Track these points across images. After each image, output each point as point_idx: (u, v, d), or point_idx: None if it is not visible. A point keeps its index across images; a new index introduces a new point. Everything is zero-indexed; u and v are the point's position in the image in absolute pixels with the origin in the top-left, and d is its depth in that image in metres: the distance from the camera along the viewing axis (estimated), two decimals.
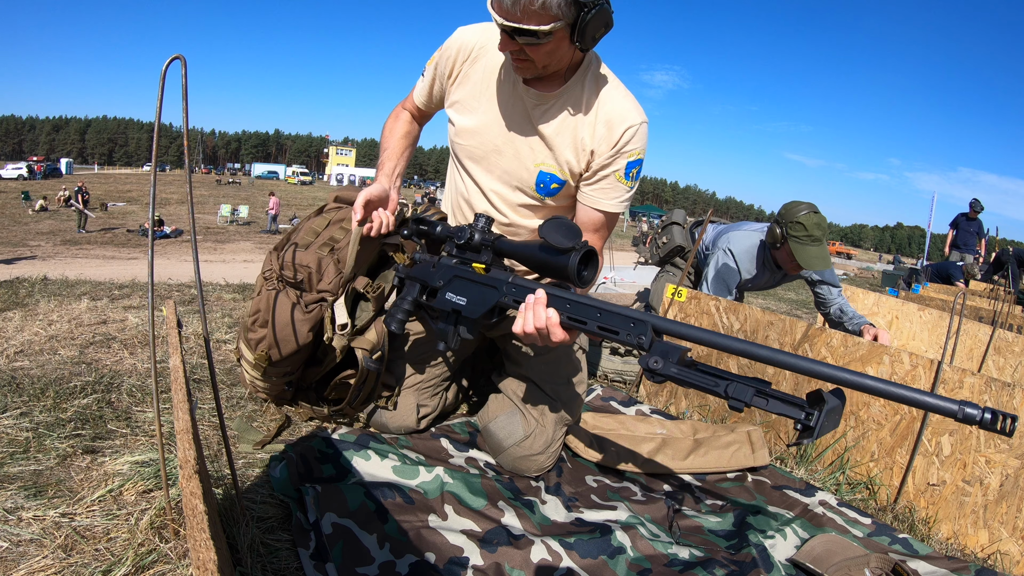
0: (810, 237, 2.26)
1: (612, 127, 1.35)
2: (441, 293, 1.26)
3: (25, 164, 38.52)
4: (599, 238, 1.48)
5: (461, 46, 1.44)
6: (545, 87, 1.37)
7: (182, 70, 0.79)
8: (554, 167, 1.41)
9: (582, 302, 1.06)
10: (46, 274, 3.39)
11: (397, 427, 1.56)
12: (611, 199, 1.42)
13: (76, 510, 1.08)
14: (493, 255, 1.21)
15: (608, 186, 1.40)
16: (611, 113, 1.35)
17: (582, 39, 1.21)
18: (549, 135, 1.39)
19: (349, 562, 1.06)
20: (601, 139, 1.36)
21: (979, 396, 1.52)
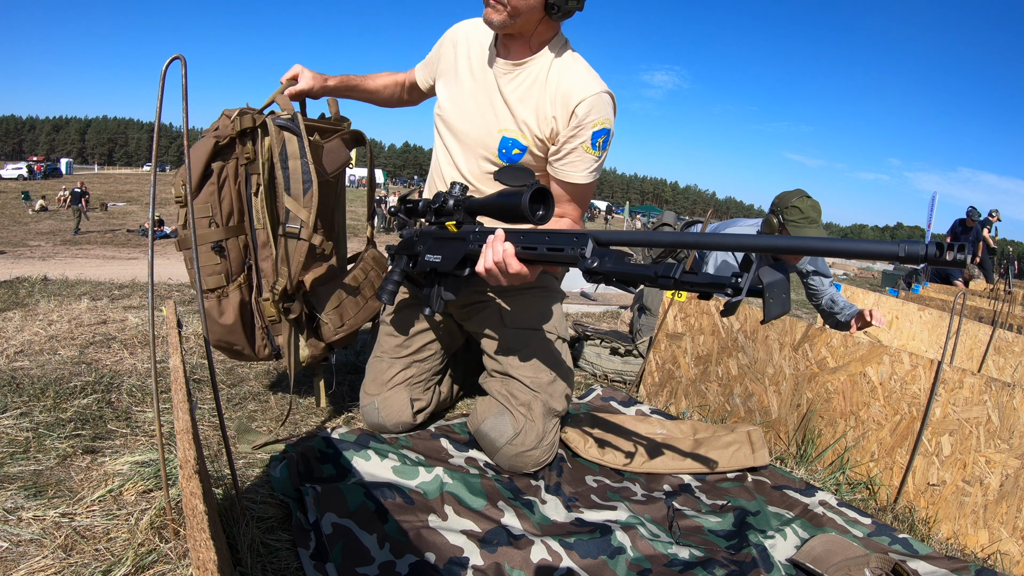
0: (807, 219, 2.28)
1: (568, 99, 1.42)
2: (421, 256, 1.37)
3: (25, 164, 38.52)
4: (574, 208, 1.55)
5: (456, 35, 1.60)
6: (514, 56, 1.47)
7: (182, 70, 0.79)
8: (516, 132, 1.48)
9: (533, 232, 1.15)
10: (46, 274, 3.39)
11: (394, 424, 1.56)
12: (580, 170, 1.48)
13: (76, 510, 1.09)
14: (464, 214, 1.30)
15: (576, 158, 1.46)
16: (571, 84, 1.42)
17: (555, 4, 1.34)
18: (512, 102, 1.47)
19: (349, 562, 1.06)
20: (560, 110, 1.43)
21: (979, 396, 1.52)
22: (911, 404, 1.63)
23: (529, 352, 1.55)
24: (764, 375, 1.95)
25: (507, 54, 1.48)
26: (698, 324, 2.14)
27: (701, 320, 2.13)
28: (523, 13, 1.36)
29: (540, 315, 1.60)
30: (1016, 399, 1.46)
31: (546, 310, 1.61)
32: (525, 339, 1.56)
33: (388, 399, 1.58)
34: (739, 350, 2.01)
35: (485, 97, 1.51)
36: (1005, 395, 1.47)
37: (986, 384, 1.51)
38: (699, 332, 2.13)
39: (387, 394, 1.58)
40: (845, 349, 1.77)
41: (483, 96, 1.51)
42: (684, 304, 2.18)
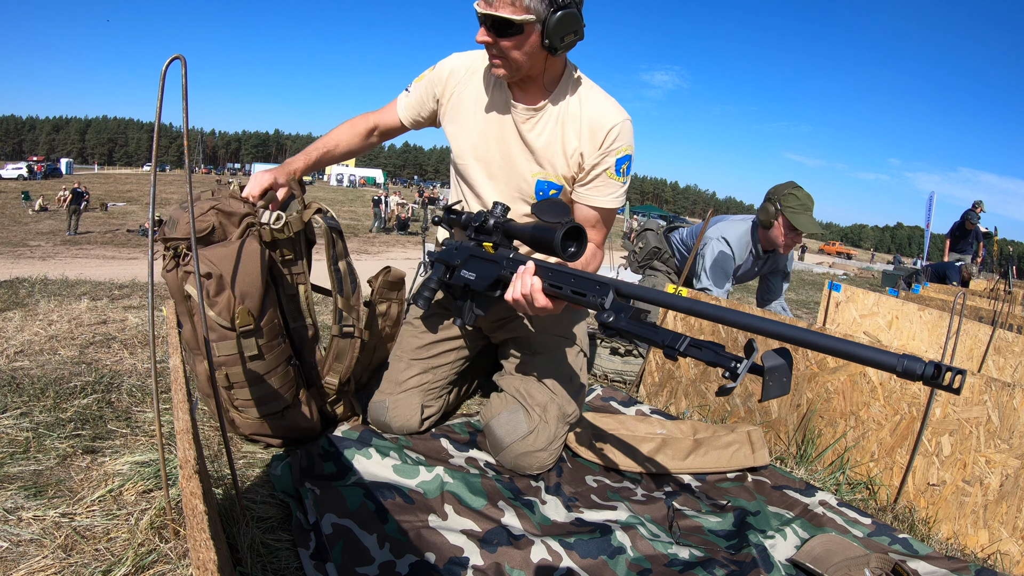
0: (803, 205, 2.50)
1: (596, 130, 1.44)
2: (458, 271, 1.40)
3: (25, 164, 38.54)
4: (598, 233, 1.56)
5: (453, 69, 1.54)
6: (530, 100, 1.46)
7: (182, 70, 0.79)
8: (550, 175, 1.50)
9: (561, 270, 1.18)
10: (46, 274, 3.39)
11: (400, 427, 1.56)
12: (605, 195, 1.50)
13: (76, 510, 1.09)
14: (502, 236, 1.34)
15: (601, 183, 1.49)
16: (594, 117, 1.44)
17: (551, 39, 1.30)
18: (540, 148, 1.48)
19: (349, 562, 1.06)
20: (587, 142, 1.45)
21: (979, 396, 1.52)
22: (911, 404, 1.63)
23: (553, 356, 1.58)
24: None
25: (523, 97, 1.47)
26: (698, 324, 2.14)
27: (701, 320, 2.13)
28: (525, 64, 1.37)
29: (569, 325, 1.65)
30: (1016, 399, 1.46)
31: (574, 321, 1.67)
32: (552, 344, 1.60)
33: (399, 401, 1.57)
34: (739, 350, 2.01)
35: (513, 144, 1.50)
36: (1005, 395, 1.47)
37: (986, 384, 1.51)
38: (699, 332, 2.13)
39: (399, 396, 1.57)
40: None
41: (511, 143, 1.50)
42: None
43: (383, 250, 16.01)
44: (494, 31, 1.30)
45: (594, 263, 1.53)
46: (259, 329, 1.24)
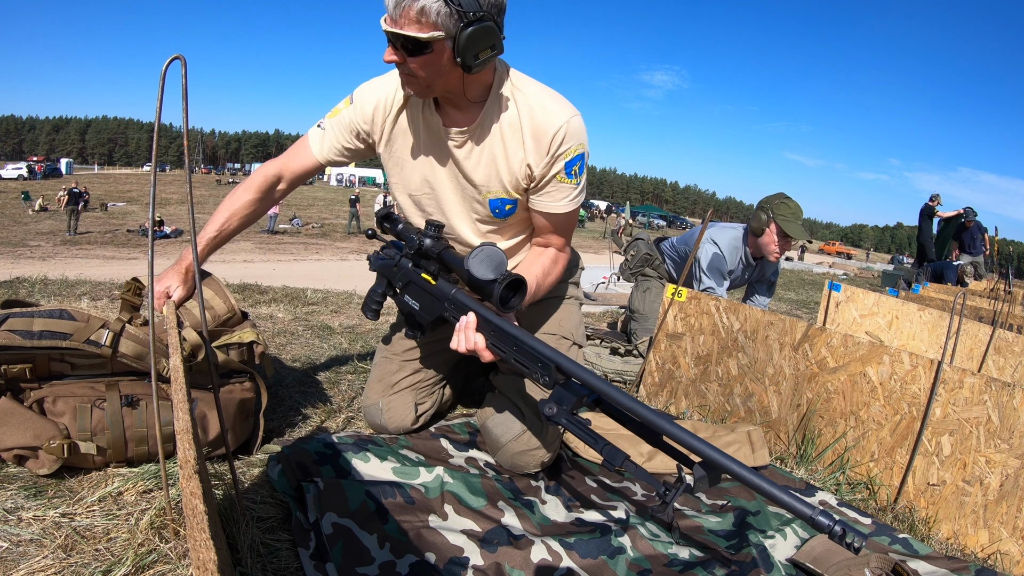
0: (794, 215, 2.63)
1: (540, 137, 1.33)
2: (400, 294, 1.37)
3: (25, 164, 38.55)
4: (558, 238, 1.49)
5: (376, 104, 1.42)
6: (461, 121, 1.36)
7: (182, 70, 0.79)
8: (501, 192, 1.42)
9: (504, 330, 1.12)
10: (46, 274, 3.39)
11: (396, 427, 1.56)
12: (558, 200, 1.41)
13: (76, 510, 1.08)
14: (439, 266, 1.30)
15: (552, 189, 1.40)
16: (535, 123, 1.33)
17: (463, 56, 1.18)
18: (483, 169, 1.39)
19: (349, 562, 1.06)
20: (532, 152, 1.35)
21: (979, 396, 1.52)
22: (911, 404, 1.63)
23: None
24: (764, 375, 1.95)
25: (453, 119, 1.37)
26: (698, 324, 2.14)
27: (701, 320, 2.13)
28: (437, 84, 1.26)
29: (558, 320, 1.62)
30: (1016, 399, 1.46)
31: (564, 316, 1.64)
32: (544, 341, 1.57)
33: (393, 402, 1.57)
34: (739, 350, 2.01)
35: (456, 175, 1.42)
36: (1005, 395, 1.47)
37: (986, 384, 1.51)
38: (699, 332, 2.13)
39: (392, 398, 1.58)
40: (845, 349, 1.77)
41: (453, 175, 1.42)
42: (684, 304, 2.18)
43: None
44: (403, 50, 1.19)
45: (555, 271, 1.47)
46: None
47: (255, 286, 3.45)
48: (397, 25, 1.16)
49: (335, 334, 2.55)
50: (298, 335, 2.46)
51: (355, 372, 2.09)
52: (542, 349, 1.05)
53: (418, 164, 1.44)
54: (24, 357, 1.16)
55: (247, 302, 3.06)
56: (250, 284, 3.52)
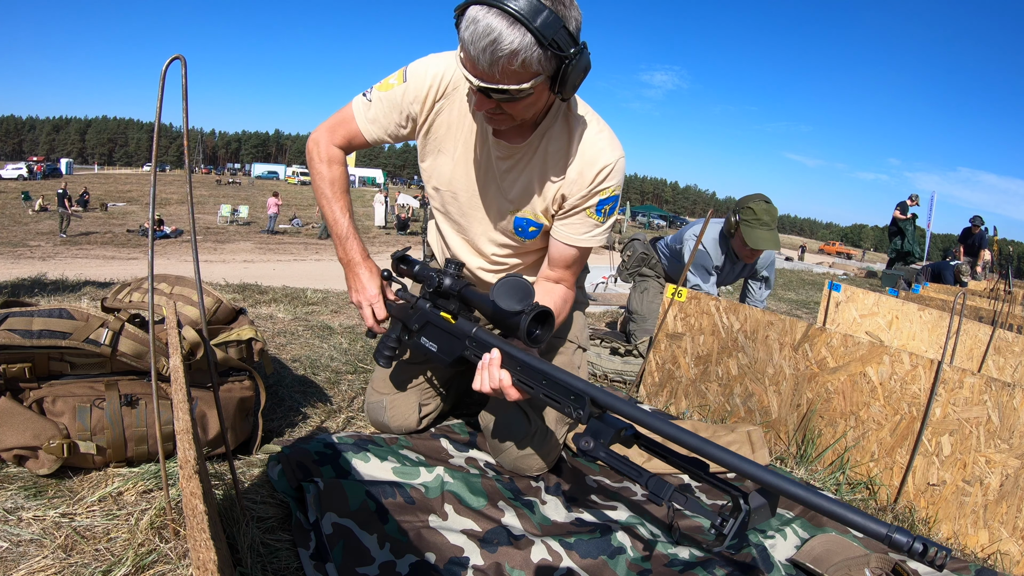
0: (759, 220, 2.48)
1: (585, 170, 1.30)
2: (417, 336, 1.31)
3: (25, 164, 38.54)
4: (571, 273, 1.45)
5: (432, 82, 1.33)
6: (513, 135, 1.32)
7: (182, 70, 0.79)
8: (529, 213, 1.39)
9: (531, 365, 1.06)
10: (46, 274, 3.39)
11: (398, 427, 1.56)
12: (581, 234, 1.37)
13: (76, 510, 1.08)
14: (460, 304, 1.25)
15: (578, 222, 1.36)
16: (585, 154, 1.30)
17: (563, 89, 1.14)
18: (520, 187, 1.36)
19: (350, 562, 1.06)
20: (573, 181, 1.32)
21: (979, 396, 1.52)
22: (911, 404, 1.63)
23: (550, 359, 1.55)
24: (764, 375, 1.95)
25: (502, 134, 1.32)
26: (698, 324, 2.14)
27: (701, 320, 2.13)
28: (530, 117, 1.23)
29: (564, 324, 1.61)
30: (1016, 399, 1.46)
31: (570, 320, 1.62)
32: (551, 345, 1.57)
33: (397, 401, 1.56)
34: (739, 350, 2.01)
35: (490, 184, 1.38)
36: (1005, 395, 1.47)
37: (986, 384, 1.51)
38: (699, 332, 2.13)
39: (397, 397, 1.57)
40: (845, 349, 1.77)
41: (487, 181, 1.38)
42: (684, 304, 2.18)
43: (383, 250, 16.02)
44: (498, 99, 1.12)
45: (564, 311, 1.42)
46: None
47: (255, 286, 3.45)
48: (494, 80, 1.08)
49: (335, 334, 2.55)
50: (298, 335, 2.46)
51: (355, 372, 2.09)
52: (574, 382, 0.99)
53: (456, 161, 1.39)
54: (23, 356, 1.16)
55: (247, 302, 3.06)
56: (250, 284, 3.52)
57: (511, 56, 1.03)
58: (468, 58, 1.08)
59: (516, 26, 1.02)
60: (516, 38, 1.02)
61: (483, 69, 1.07)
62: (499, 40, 1.02)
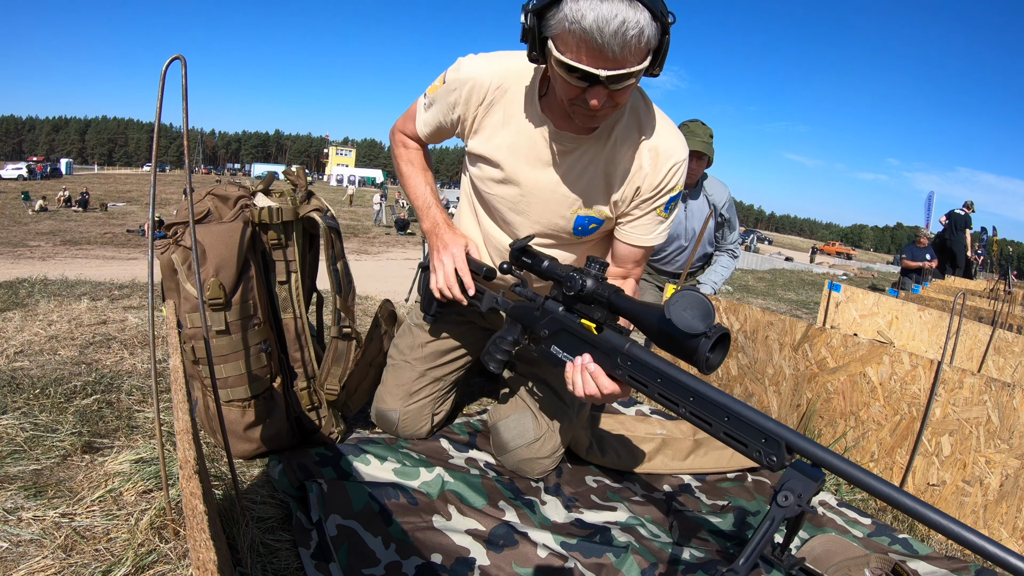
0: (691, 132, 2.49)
1: (659, 163, 1.25)
2: (547, 344, 1.13)
3: (25, 164, 38.55)
4: (640, 268, 1.44)
5: (474, 86, 1.27)
6: (580, 129, 1.24)
7: (182, 70, 0.79)
8: (591, 211, 1.33)
9: (711, 398, 0.89)
10: (46, 274, 3.39)
11: (411, 436, 1.55)
12: (651, 233, 1.35)
13: (76, 510, 1.08)
14: (607, 311, 1.05)
15: (648, 222, 1.33)
16: (657, 148, 1.25)
17: (660, 64, 1.05)
18: (586, 182, 1.29)
19: (355, 563, 1.06)
20: (646, 176, 1.27)
21: (979, 396, 1.52)
22: (911, 404, 1.63)
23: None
24: (764, 375, 1.95)
25: (565, 124, 1.24)
26: None
27: None
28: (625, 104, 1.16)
29: None
30: (1016, 399, 1.46)
31: None
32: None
33: (411, 412, 1.54)
34: (739, 350, 2.01)
35: (550, 179, 1.30)
36: (1005, 395, 1.47)
37: (986, 384, 1.51)
38: None
39: (411, 407, 1.54)
40: (845, 349, 1.77)
41: (547, 178, 1.30)
42: None
43: (383, 250, 16.01)
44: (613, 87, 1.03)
45: None
46: (229, 304, 1.24)
47: None
48: (624, 65, 1.00)
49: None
50: None
51: None
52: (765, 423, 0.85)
53: (511, 161, 1.30)
54: None
55: None
56: None
57: (639, 35, 0.97)
58: (592, 48, 0.97)
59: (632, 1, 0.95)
60: (637, 14, 0.96)
61: (614, 55, 0.98)
62: (627, 20, 0.95)
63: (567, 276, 1.08)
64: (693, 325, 0.86)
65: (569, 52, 1.00)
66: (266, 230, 1.34)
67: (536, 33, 1.04)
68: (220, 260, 1.23)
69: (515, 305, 1.25)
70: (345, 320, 1.40)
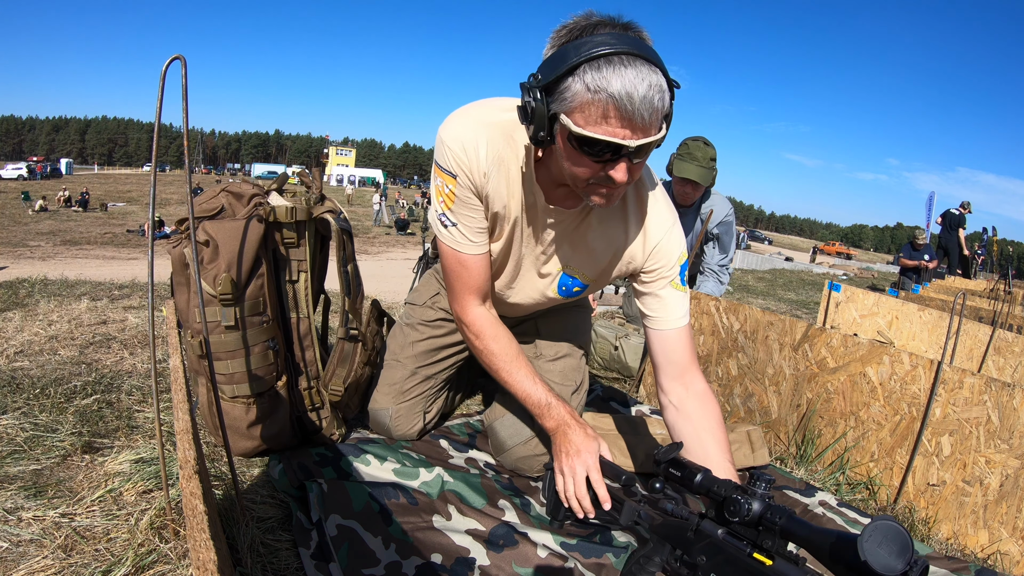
0: (690, 155, 2.48)
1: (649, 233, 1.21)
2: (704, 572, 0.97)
3: (25, 164, 38.55)
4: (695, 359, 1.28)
5: (480, 160, 1.14)
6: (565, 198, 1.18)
7: (182, 70, 0.79)
8: (577, 272, 1.30)
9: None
10: (46, 274, 3.40)
11: (401, 435, 1.55)
12: (679, 310, 1.25)
13: (76, 510, 1.08)
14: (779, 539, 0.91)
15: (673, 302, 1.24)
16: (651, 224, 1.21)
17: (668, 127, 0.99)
18: (569, 248, 1.26)
19: (355, 563, 1.06)
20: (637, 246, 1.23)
21: (979, 396, 1.52)
22: (911, 404, 1.63)
23: (558, 360, 1.56)
24: (764, 375, 1.95)
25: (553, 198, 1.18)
26: (698, 324, 2.14)
27: (701, 320, 2.13)
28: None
29: (574, 329, 1.62)
30: (1016, 399, 1.46)
31: (579, 325, 1.64)
32: (556, 348, 1.57)
33: (402, 410, 1.55)
34: (739, 350, 2.01)
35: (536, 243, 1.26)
36: (1005, 395, 1.47)
37: (986, 384, 1.51)
38: (699, 332, 2.13)
39: (402, 406, 1.55)
40: (845, 349, 1.77)
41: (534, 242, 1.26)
42: None
43: (383, 250, 16.01)
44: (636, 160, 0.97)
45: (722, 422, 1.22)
46: (240, 299, 1.24)
47: None
48: (648, 132, 0.93)
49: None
50: None
51: None
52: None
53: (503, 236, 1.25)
54: None
55: None
56: None
57: (663, 97, 0.92)
58: (621, 114, 0.90)
59: (653, 66, 0.90)
60: (658, 78, 0.90)
61: (643, 122, 0.91)
62: (652, 84, 0.89)
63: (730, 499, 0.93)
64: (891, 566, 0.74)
65: (592, 125, 0.92)
66: (279, 228, 1.34)
67: (544, 110, 0.95)
68: (232, 256, 1.23)
69: (663, 523, 1.05)
70: (353, 322, 1.41)
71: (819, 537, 0.85)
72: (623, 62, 0.88)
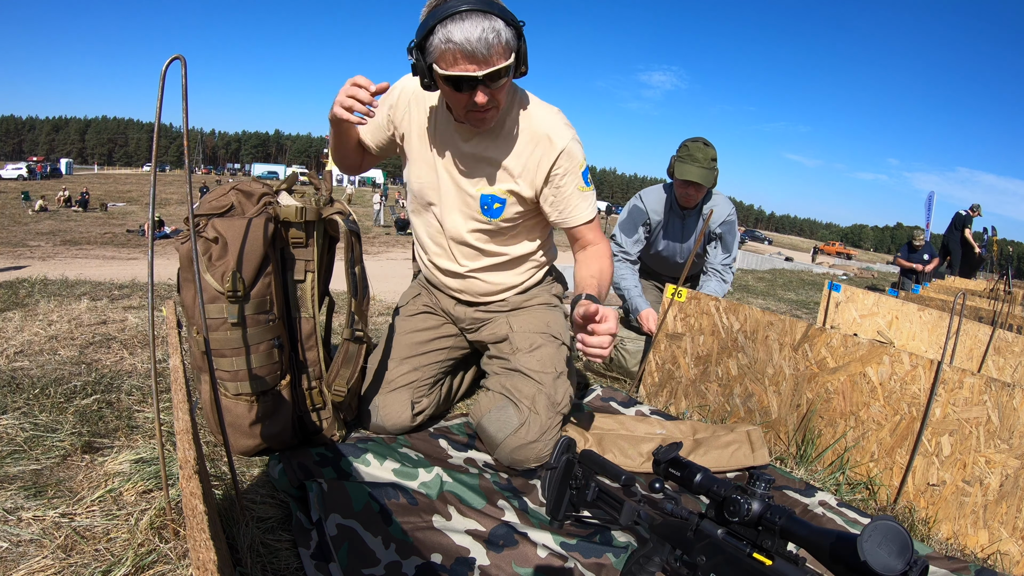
0: (691, 156, 2.47)
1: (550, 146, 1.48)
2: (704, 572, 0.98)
3: (25, 164, 38.55)
4: (598, 235, 1.63)
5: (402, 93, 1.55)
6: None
7: (182, 70, 0.79)
8: (493, 189, 1.54)
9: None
10: (46, 274, 3.40)
11: (393, 426, 1.56)
12: (586, 209, 1.58)
13: (76, 510, 1.08)
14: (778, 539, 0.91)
15: (578, 200, 1.56)
16: (548, 133, 1.48)
17: (524, 63, 1.33)
18: (484, 165, 1.52)
19: (355, 563, 1.06)
20: (541, 156, 1.49)
21: (979, 396, 1.52)
22: (911, 404, 1.63)
23: (534, 351, 1.59)
24: (764, 375, 1.95)
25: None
26: (698, 324, 2.14)
27: (701, 320, 2.13)
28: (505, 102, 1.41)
29: (545, 321, 1.67)
30: (1016, 399, 1.46)
31: (551, 319, 1.69)
32: (530, 340, 1.61)
33: (388, 400, 1.57)
34: (739, 350, 2.01)
35: (455, 162, 1.53)
36: (1005, 395, 1.47)
37: (986, 384, 1.51)
38: (699, 332, 2.13)
39: (388, 395, 1.58)
40: (845, 349, 1.77)
41: (453, 161, 1.53)
42: (684, 304, 2.18)
43: (383, 250, 16.00)
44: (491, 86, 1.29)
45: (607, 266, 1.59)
46: (247, 297, 1.25)
47: None
48: (490, 64, 1.25)
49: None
50: None
51: None
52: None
53: (428, 156, 1.56)
54: None
55: None
56: None
57: (498, 36, 1.23)
58: (465, 55, 1.23)
59: (488, 14, 1.22)
60: (494, 22, 1.23)
61: (483, 56, 1.23)
62: (485, 28, 1.21)
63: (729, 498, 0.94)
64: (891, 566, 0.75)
65: (451, 67, 1.25)
66: (287, 228, 1.34)
67: (423, 64, 1.28)
68: (241, 253, 1.24)
69: (662, 523, 1.07)
70: (358, 323, 1.41)
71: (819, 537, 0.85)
72: (463, 17, 1.21)
